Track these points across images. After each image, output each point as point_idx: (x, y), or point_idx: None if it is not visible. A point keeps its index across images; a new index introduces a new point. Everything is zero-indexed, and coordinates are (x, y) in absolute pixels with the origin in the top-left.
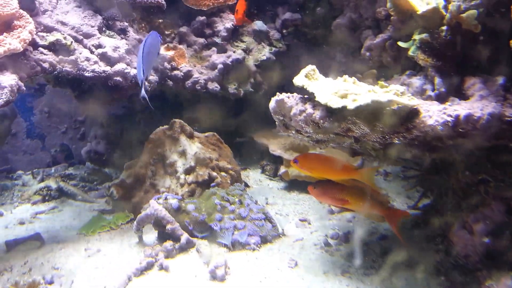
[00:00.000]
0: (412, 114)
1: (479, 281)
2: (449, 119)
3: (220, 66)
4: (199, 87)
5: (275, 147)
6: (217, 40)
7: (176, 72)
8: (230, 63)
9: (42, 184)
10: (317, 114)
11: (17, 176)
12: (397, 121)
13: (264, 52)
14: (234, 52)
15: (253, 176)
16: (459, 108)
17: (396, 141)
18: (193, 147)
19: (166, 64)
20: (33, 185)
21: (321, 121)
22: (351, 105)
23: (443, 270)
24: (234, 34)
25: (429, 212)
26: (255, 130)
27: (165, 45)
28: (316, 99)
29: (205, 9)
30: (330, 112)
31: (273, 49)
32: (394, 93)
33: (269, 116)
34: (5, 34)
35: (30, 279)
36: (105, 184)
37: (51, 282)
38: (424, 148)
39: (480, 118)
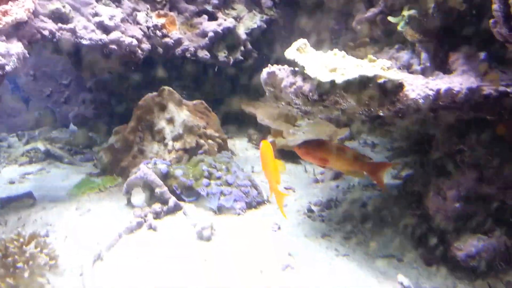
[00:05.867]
0: (396, 88)
1: (448, 243)
2: (430, 92)
3: (210, 34)
4: (189, 55)
5: (263, 117)
6: (208, 7)
7: (166, 39)
8: (220, 31)
9: (28, 146)
10: (307, 87)
11: (2, 138)
12: (382, 95)
13: (255, 20)
14: (225, 20)
15: (239, 145)
16: (440, 83)
17: (381, 113)
18: (182, 115)
19: (157, 31)
20: (19, 147)
21: (310, 93)
22: (339, 79)
23: (417, 233)
24: (226, 1)
25: (410, 181)
26: (243, 99)
27: (156, 12)
28: (306, 72)
29: None
30: (319, 86)
31: (265, 17)
32: (381, 67)
33: (256, 87)
34: (10, 3)
35: (30, 230)
36: (94, 148)
37: (46, 236)
38: (407, 120)
39: (459, 92)
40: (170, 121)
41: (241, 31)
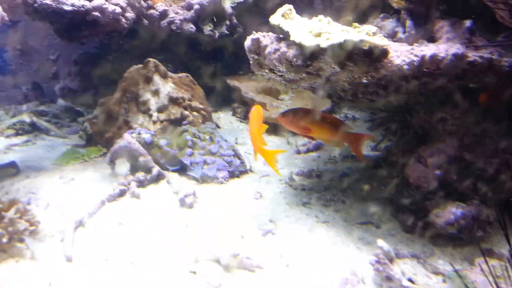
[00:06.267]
0: (381, 53)
1: (427, 210)
2: (415, 59)
3: (196, 6)
4: (175, 27)
5: (247, 90)
6: None
7: (152, 11)
8: (206, 4)
9: (15, 119)
10: (291, 52)
11: None
12: (366, 61)
13: None
14: None
15: (224, 118)
16: (425, 49)
17: (365, 81)
18: (167, 87)
19: (142, 2)
20: (6, 120)
21: (294, 59)
22: (324, 44)
23: (396, 201)
24: None
25: (390, 152)
26: (228, 73)
27: None
28: (291, 38)
29: None
30: (304, 51)
31: None
32: (366, 33)
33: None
34: None
35: (11, 197)
36: (79, 119)
37: (28, 203)
38: (390, 88)
39: (444, 58)
40: (155, 92)
41: (227, 5)
